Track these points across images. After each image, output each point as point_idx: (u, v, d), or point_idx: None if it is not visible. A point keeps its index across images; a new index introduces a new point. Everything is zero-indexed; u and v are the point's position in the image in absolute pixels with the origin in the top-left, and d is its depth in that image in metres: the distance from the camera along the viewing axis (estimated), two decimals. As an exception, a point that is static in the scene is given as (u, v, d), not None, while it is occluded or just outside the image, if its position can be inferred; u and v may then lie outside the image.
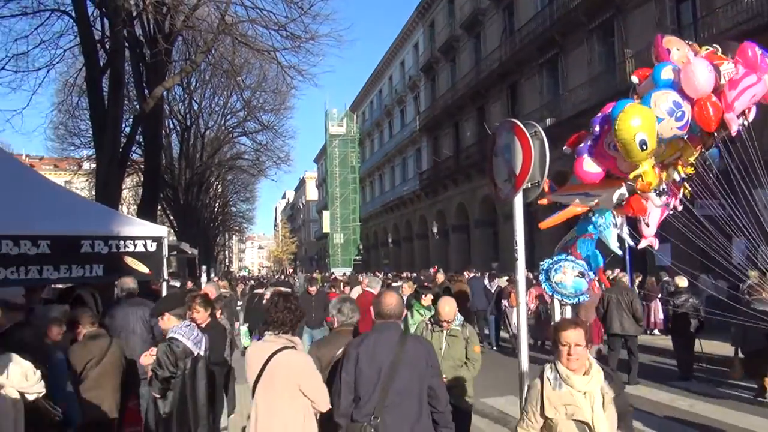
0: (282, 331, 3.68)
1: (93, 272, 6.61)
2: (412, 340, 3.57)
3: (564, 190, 5.13)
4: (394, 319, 3.61)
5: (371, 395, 3.33)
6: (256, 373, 3.56)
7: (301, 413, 3.51)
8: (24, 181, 6.80)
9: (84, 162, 31.33)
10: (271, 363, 3.51)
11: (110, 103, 12.72)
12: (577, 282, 4.80)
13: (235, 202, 49.25)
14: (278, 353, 3.53)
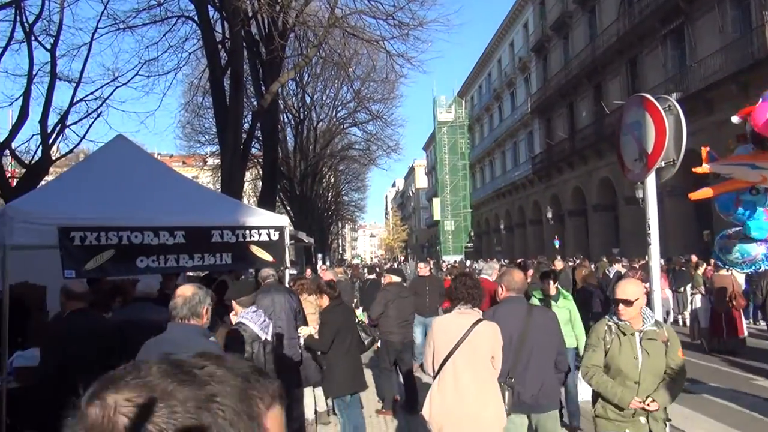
0: (473, 305, 3.97)
1: (222, 260, 7.00)
2: (538, 310, 4.30)
3: (726, 161, 4.70)
4: (520, 293, 4.25)
5: (506, 358, 3.90)
6: (454, 342, 3.79)
7: (492, 377, 3.87)
8: (161, 177, 7.33)
9: (208, 158, 33.49)
10: (472, 333, 3.81)
11: (231, 101, 13.43)
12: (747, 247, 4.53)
13: (347, 192, 50.57)
14: (478, 324, 3.86)
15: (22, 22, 15.53)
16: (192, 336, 3.16)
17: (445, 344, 3.82)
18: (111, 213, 6.22)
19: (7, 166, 18.15)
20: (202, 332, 3.32)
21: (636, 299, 3.61)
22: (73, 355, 4.37)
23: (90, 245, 5.92)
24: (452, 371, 3.78)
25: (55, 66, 16.10)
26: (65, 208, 6.12)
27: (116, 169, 6.93)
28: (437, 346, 3.87)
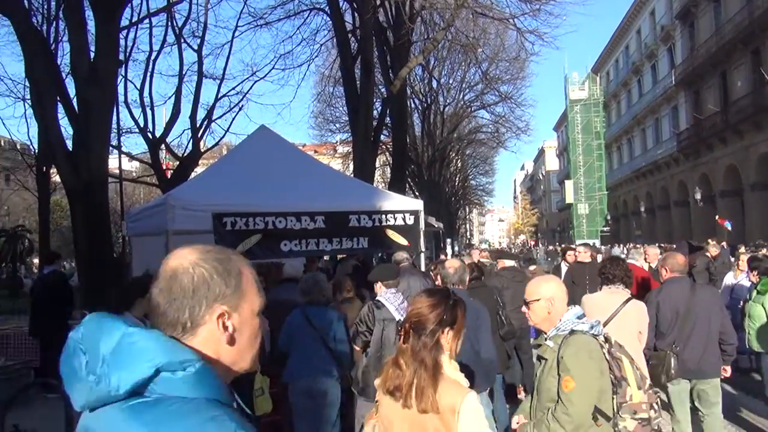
0: (626, 285, 4.39)
1: (359, 244, 7.17)
2: (701, 288, 4.83)
3: None
4: (683, 273, 4.80)
5: (671, 330, 4.57)
6: (604, 318, 4.06)
7: (639, 350, 4.14)
8: (302, 164, 7.63)
9: (338, 146, 34.59)
10: (623, 310, 4.20)
11: (362, 88, 13.70)
12: None
13: (475, 176, 49.95)
14: (628, 302, 4.25)
15: (173, 26, 16.94)
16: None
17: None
18: (258, 199, 6.57)
19: (163, 159, 19.92)
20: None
21: (535, 299, 2.86)
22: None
23: (240, 230, 6.31)
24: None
25: (201, 65, 17.40)
26: (218, 195, 6.56)
27: (261, 157, 7.32)
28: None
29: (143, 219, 7.61)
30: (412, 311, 2.25)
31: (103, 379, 0.99)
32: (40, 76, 10.45)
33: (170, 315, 1.09)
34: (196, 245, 1.18)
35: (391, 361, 2.26)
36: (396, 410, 2.20)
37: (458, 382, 2.22)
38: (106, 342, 1.01)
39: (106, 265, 10.53)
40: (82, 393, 1.01)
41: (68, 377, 1.03)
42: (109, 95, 10.63)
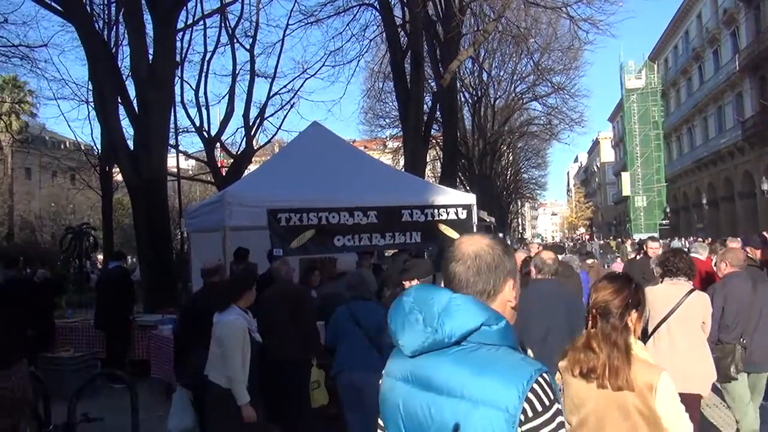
0: (688, 277, 4.38)
1: (412, 239, 7.15)
2: (762, 283, 4.90)
3: None
4: (743, 268, 4.93)
5: (737, 323, 4.66)
6: (667, 310, 4.22)
7: (702, 340, 4.27)
8: (354, 160, 7.67)
9: (388, 141, 34.62)
10: (686, 302, 4.24)
11: (412, 82, 13.67)
12: None
13: (527, 169, 49.12)
14: (691, 294, 4.26)
15: (226, 27, 17.31)
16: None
17: (658, 311, 4.26)
18: (311, 195, 6.65)
19: (218, 157, 20.40)
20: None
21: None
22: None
23: (294, 225, 6.39)
24: (667, 334, 4.24)
25: (254, 64, 17.72)
26: (272, 191, 6.67)
27: (314, 153, 7.39)
28: (651, 313, 4.24)
29: (201, 216, 7.81)
30: (597, 298, 2.45)
31: (438, 329, 1.33)
32: (102, 78, 10.87)
33: (478, 286, 1.43)
34: (475, 235, 1.54)
35: (582, 345, 2.44)
36: (590, 391, 2.37)
37: (648, 361, 2.40)
38: (438, 303, 1.35)
39: (166, 260, 10.89)
40: (417, 340, 1.35)
41: (401, 329, 1.39)
42: (167, 96, 10.97)
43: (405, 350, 1.38)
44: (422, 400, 1.34)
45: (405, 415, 1.37)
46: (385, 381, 1.46)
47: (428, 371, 1.34)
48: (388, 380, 1.45)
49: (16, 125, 32.78)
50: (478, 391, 1.27)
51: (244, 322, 4.21)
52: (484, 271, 1.43)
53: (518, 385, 1.25)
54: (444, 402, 1.30)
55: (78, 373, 7.40)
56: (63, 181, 36.00)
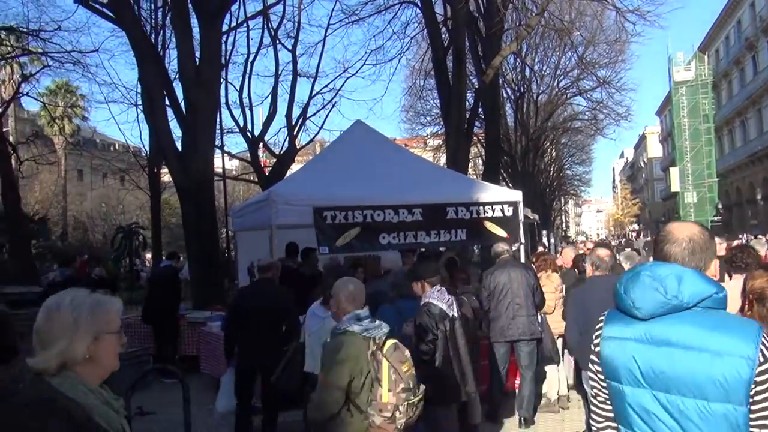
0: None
1: (457, 236, 7.09)
2: None
3: None
4: None
5: None
6: (738, 306, 4.46)
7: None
8: (398, 157, 7.66)
9: (429, 139, 34.47)
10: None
11: (454, 79, 13.55)
12: None
13: (571, 165, 48.16)
14: None
15: (269, 28, 17.53)
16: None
17: (733, 308, 4.11)
18: (356, 193, 6.66)
19: (261, 157, 20.68)
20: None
21: None
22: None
23: (339, 223, 6.41)
24: None
25: (296, 64, 17.91)
26: (318, 190, 6.72)
27: (358, 152, 7.41)
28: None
29: (247, 215, 7.93)
30: (753, 285, 2.76)
31: (679, 296, 1.67)
32: (150, 81, 11.15)
33: (692, 263, 1.75)
34: (686, 222, 1.96)
35: None
36: None
37: None
38: (676, 277, 1.69)
39: (213, 258, 11.10)
40: (657, 306, 1.69)
41: (641, 297, 1.72)
42: (213, 97, 11.18)
43: (642, 314, 1.72)
44: (659, 354, 1.66)
45: (643, 367, 1.69)
46: (610, 343, 1.79)
47: (665, 331, 1.67)
48: (614, 342, 1.78)
49: (69, 128, 33.96)
50: (718, 344, 1.60)
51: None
52: (697, 252, 1.76)
53: (754, 338, 1.59)
54: (683, 354, 1.63)
55: (131, 368, 7.59)
56: (113, 182, 37.18)
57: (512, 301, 5.84)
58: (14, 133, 29.11)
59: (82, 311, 1.73)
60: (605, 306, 4.24)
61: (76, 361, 1.70)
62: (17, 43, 18.30)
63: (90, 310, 1.74)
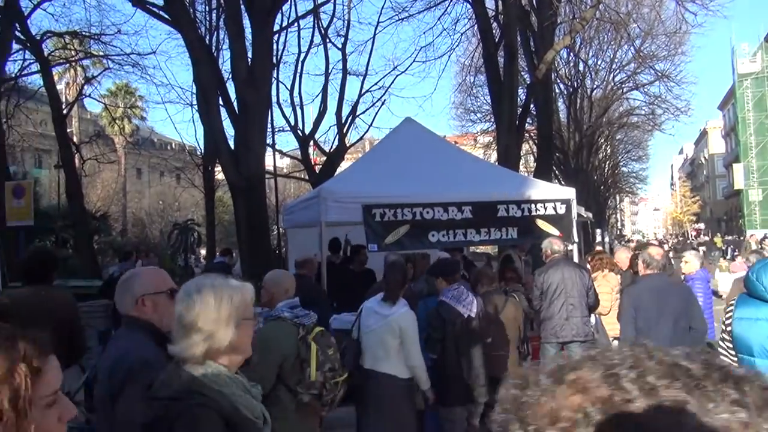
0: None
1: (508, 235, 6.95)
2: None
3: None
4: None
5: None
6: None
7: None
8: (448, 154, 7.59)
9: (479, 136, 34.07)
10: None
11: (505, 75, 13.33)
12: None
13: (626, 162, 46.70)
14: None
15: (319, 27, 17.69)
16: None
17: None
18: (405, 190, 6.63)
19: (312, 155, 20.91)
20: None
21: None
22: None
23: (389, 221, 6.39)
24: None
25: (345, 62, 17.99)
26: (367, 187, 6.72)
27: (407, 149, 7.37)
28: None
29: (297, 212, 8.01)
30: None
31: None
32: (205, 81, 11.42)
33: None
34: None
35: None
36: None
37: None
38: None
39: (264, 255, 11.28)
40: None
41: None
42: (264, 96, 11.35)
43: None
44: None
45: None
46: (742, 323, 2.14)
47: None
48: (745, 322, 2.12)
49: (128, 128, 35.20)
50: None
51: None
52: None
53: None
54: None
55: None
56: (170, 180, 38.37)
57: (566, 302, 5.68)
58: (78, 133, 30.39)
59: (224, 298, 1.70)
60: (660, 304, 4.12)
61: (221, 349, 1.67)
62: (80, 47, 19.09)
63: (230, 297, 1.71)
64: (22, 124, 20.55)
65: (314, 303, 5.53)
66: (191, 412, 1.58)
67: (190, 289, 1.73)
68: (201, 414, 1.58)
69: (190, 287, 1.74)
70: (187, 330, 1.66)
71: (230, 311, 1.68)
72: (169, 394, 1.64)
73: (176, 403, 1.60)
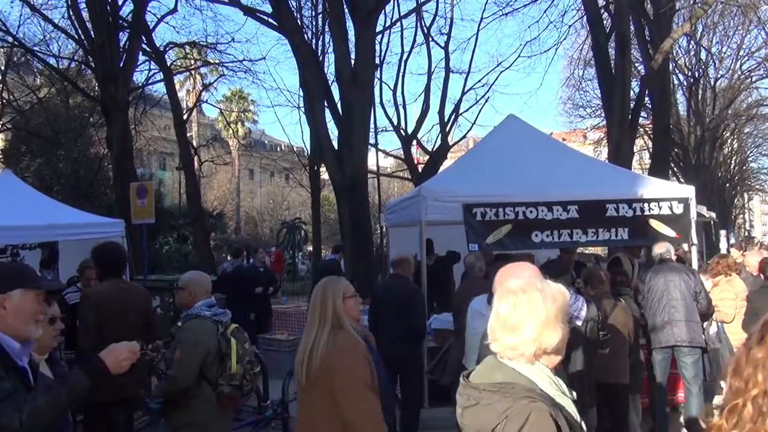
0: None
1: (618, 236, 6.57)
2: None
3: None
4: None
5: None
6: None
7: None
8: (553, 152, 7.31)
9: (588, 132, 32.63)
10: None
11: (617, 67, 12.66)
12: None
13: (756, 157, 42.73)
14: None
15: (422, 26, 17.71)
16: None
17: None
18: (508, 189, 6.46)
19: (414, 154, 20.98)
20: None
21: None
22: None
23: (490, 220, 6.26)
24: None
25: (448, 61, 17.89)
26: (468, 186, 6.61)
27: (510, 147, 7.17)
28: None
29: (398, 211, 8.04)
30: None
31: None
32: (311, 84, 11.79)
33: None
34: None
35: None
36: None
37: None
38: None
39: (367, 253, 11.47)
40: None
41: None
42: (368, 97, 11.54)
43: None
44: None
45: None
46: None
47: None
48: None
49: (242, 131, 37.15)
50: None
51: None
52: None
53: None
54: None
55: (291, 355, 8.09)
56: (279, 180, 40.08)
57: (667, 305, 5.41)
58: (197, 136, 32.52)
59: (549, 299, 1.70)
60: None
61: (547, 350, 1.69)
62: (199, 56, 20.39)
63: (554, 298, 1.72)
64: (148, 130, 22.32)
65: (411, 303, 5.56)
66: (530, 412, 1.58)
67: (514, 288, 1.76)
68: (539, 414, 1.58)
69: (515, 287, 1.76)
70: (512, 329, 1.69)
71: (555, 312, 1.70)
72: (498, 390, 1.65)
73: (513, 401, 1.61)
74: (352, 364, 2.71)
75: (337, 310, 2.82)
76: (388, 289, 5.87)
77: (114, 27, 14.78)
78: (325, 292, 2.88)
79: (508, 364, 1.68)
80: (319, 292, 2.91)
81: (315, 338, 2.77)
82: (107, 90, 14.19)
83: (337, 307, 2.82)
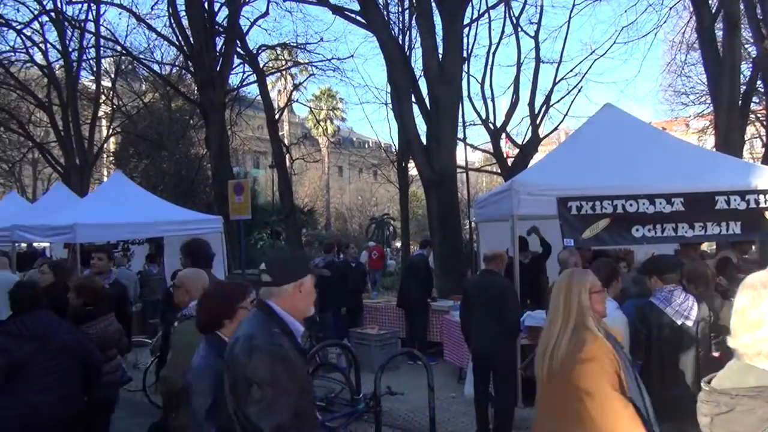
0: None
1: (729, 230, 6.10)
2: None
3: None
4: None
5: None
6: None
7: None
8: (654, 141, 6.91)
9: (692, 120, 30.65)
10: None
11: (725, 49, 11.79)
12: None
13: None
14: None
15: (510, 17, 17.28)
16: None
17: None
18: (605, 182, 6.17)
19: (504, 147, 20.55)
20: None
21: None
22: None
23: (586, 214, 6.00)
24: None
25: (538, 51, 17.35)
26: (562, 179, 6.37)
27: (607, 137, 6.85)
28: None
29: (489, 205, 7.89)
30: None
31: None
32: (398, 80, 11.82)
33: None
34: None
35: None
36: None
37: None
38: None
39: (457, 249, 11.37)
40: None
41: None
42: (455, 91, 11.42)
43: None
44: None
45: None
46: None
47: None
48: None
49: (331, 129, 37.97)
50: None
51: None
52: None
53: None
54: None
55: (381, 349, 8.19)
56: (367, 177, 40.63)
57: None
58: (288, 135, 33.57)
59: None
60: None
61: None
62: (289, 57, 21.01)
63: None
64: (243, 130, 23.29)
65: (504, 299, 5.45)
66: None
67: (754, 282, 1.69)
68: None
69: (754, 280, 1.70)
70: (750, 326, 1.63)
71: None
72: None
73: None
74: (593, 369, 2.57)
75: (583, 306, 2.68)
76: (479, 285, 5.78)
77: (211, 32, 15.52)
78: (569, 287, 2.73)
79: (759, 366, 1.58)
80: (563, 287, 2.76)
81: (557, 337, 2.66)
82: (205, 93, 14.94)
83: (582, 302, 2.69)
